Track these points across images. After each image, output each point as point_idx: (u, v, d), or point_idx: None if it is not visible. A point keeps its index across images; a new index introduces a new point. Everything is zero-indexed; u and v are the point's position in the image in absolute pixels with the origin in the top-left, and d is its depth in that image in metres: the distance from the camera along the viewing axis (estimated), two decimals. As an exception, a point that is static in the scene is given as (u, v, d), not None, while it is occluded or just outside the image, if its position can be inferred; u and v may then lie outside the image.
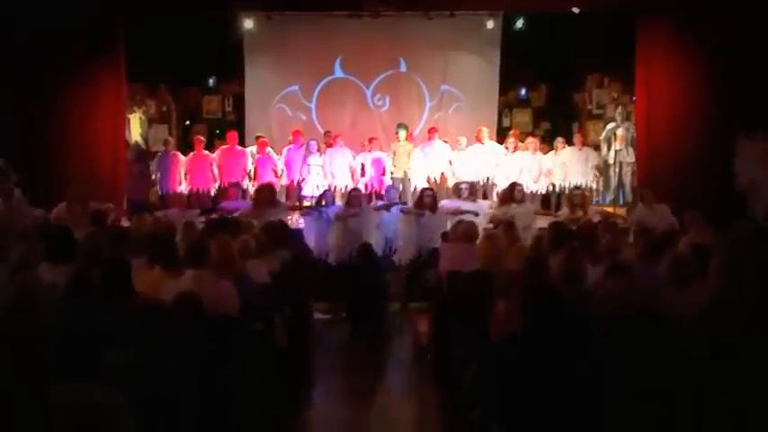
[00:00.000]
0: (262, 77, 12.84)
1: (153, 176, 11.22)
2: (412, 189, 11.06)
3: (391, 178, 11.24)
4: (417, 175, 11.21)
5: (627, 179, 11.37)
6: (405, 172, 11.24)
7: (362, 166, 11.40)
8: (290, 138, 11.72)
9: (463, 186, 9.43)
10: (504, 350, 3.46)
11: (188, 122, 13.22)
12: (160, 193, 11.11)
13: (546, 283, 3.95)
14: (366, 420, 5.45)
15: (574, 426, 3.14)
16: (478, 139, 11.35)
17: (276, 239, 6.55)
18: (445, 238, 7.56)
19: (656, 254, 5.08)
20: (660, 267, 4.55)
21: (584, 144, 11.59)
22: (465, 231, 6.70)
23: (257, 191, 9.30)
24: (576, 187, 10.47)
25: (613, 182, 11.42)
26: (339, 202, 9.84)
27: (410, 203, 9.56)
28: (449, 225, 7.94)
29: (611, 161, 11.46)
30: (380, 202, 9.55)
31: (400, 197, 10.39)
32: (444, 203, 9.11)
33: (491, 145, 11.44)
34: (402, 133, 11.52)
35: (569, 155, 11.29)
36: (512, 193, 8.85)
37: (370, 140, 11.53)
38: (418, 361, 6.79)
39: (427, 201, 8.72)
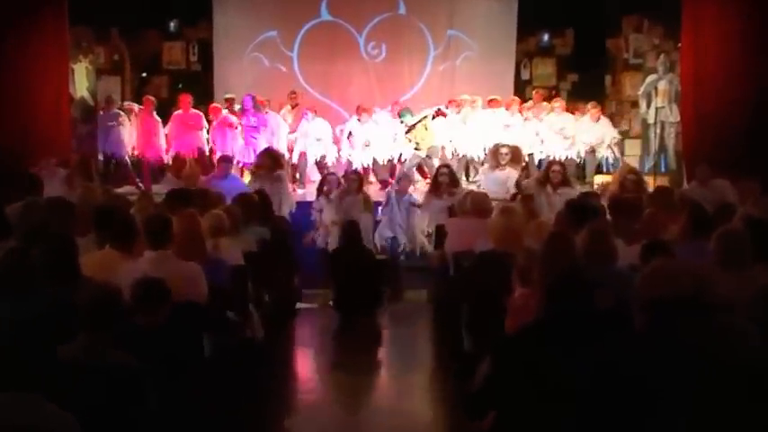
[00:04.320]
0: (233, 20, 12.79)
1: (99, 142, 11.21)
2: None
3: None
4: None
5: (670, 142, 11.36)
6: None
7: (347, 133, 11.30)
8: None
9: (503, 152, 9.41)
10: (522, 345, 3.48)
11: (144, 74, 13.16)
12: (101, 159, 11.11)
13: (572, 266, 3.95)
14: (356, 426, 5.48)
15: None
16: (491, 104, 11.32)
17: (252, 214, 6.56)
18: (451, 213, 7.56)
19: (704, 231, 5.10)
20: (709, 246, 4.56)
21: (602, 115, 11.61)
22: (475, 204, 6.71)
23: (258, 158, 9.30)
24: (633, 172, 10.27)
25: (654, 145, 11.41)
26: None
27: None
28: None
29: (651, 120, 11.45)
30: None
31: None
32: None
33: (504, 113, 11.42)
34: (407, 120, 11.07)
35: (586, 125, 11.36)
36: (547, 174, 8.83)
37: (359, 110, 11.37)
38: (419, 358, 6.82)
39: (443, 179, 8.70)
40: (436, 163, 10.67)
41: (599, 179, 10.84)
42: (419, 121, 10.97)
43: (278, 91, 11.70)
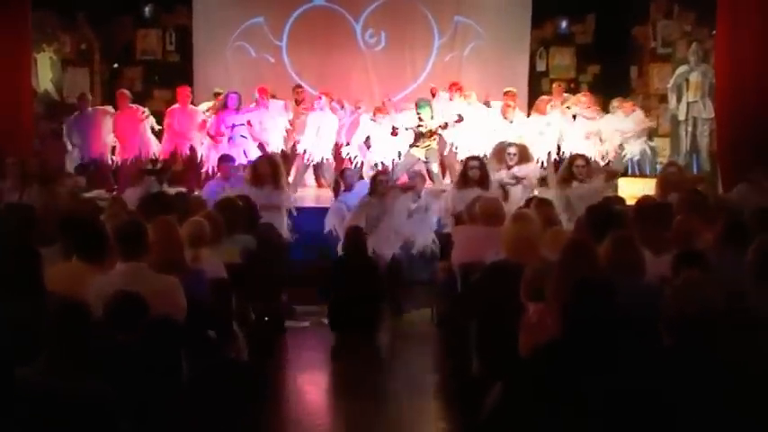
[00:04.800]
0: (215, 5, 12.86)
1: (66, 139, 11.20)
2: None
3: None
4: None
5: (703, 141, 11.40)
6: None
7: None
8: (256, 96, 11.55)
9: (511, 151, 9.44)
10: (538, 367, 3.48)
11: (116, 66, 13.19)
12: (80, 161, 11.12)
13: (594, 278, 3.94)
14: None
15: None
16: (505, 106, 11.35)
17: (236, 221, 6.57)
18: (459, 220, 7.56)
19: (740, 240, 5.10)
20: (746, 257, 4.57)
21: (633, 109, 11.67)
22: (485, 210, 6.70)
23: (254, 166, 9.16)
24: (672, 164, 10.29)
25: (685, 144, 11.44)
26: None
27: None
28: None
29: (681, 117, 11.50)
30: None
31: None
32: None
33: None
34: (425, 114, 10.92)
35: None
36: (570, 169, 8.85)
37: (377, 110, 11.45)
38: (423, 383, 6.81)
39: (473, 174, 8.73)
40: (435, 169, 10.70)
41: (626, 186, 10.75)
42: (430, 135, 10.90)
43: (265, 84, 11.69)
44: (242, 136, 11.07)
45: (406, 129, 10.78)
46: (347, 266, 7.81)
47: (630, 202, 7.28)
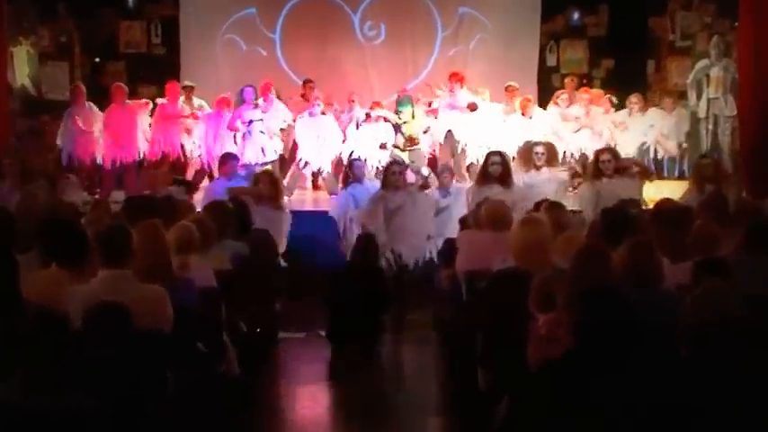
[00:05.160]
0: (204, -5, 12.83)
1: (58, 140, 11.18)
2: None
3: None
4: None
5: (725, 140, 11.41)
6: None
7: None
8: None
9: (538, 151, 9.45)
10: (548, 382, 3.49)
11: (98, 60, 13.20)
12: (64, 163, 11.12)
13: (608, 287, 3.96)
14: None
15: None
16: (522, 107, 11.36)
17: (227, 226, 6.57)
18: (464, 225, 7.56)
19: (765, 245, 5.11)
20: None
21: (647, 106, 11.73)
22: (492, 214, 6.70)
23: (255, 181, 9.15)
24: (703, 155, 10.32)
25: (705, 143, 11.45)
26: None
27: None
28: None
29: (701, 114, 11.51)
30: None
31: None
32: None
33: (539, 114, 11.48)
34: (406, 112, 11.14)
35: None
36: (597, 165, 8.86)
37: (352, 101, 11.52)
38: (425, 399, 6.82)
39: (494, 170, 8.72)
40: (425, 171, 10.72)
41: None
42: (411, 142, 10.95)
43: (257, 80, 11.68)
44: (261, 132, 11.07)
45: (394, 146, 10.86)
46: (352, 274, 7.81)
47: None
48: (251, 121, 11.06)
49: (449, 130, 11.36)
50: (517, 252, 5.29)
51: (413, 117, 11.02)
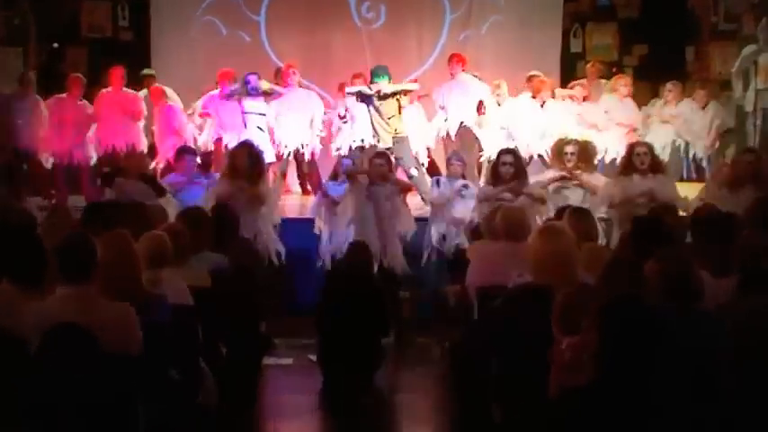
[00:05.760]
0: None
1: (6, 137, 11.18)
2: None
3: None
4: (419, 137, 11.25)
5: (775, 137, 11.37)
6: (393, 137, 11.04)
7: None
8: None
9: (569, 150, 9.41)
10: (571, 414, 3.51)
11: (56, 45, 13.20)
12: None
13: (641, 307, 3.94)
14: None
15: None
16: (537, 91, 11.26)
17: (205, 235, 6.57)
18: (476, 235, 7.53)
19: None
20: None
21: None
22: (508, 222, 6.69)
23: (231, 156, 9.12)
24: (750, 150, 10.23)
25: (753, 140, 11.40)
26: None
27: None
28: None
29: (748, 107, 11.48)
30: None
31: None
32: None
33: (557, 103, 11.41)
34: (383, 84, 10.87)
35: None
36: (630, 159, 8.79)
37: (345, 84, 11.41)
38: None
39: (505, 171, 8.69)
40: (414, 171, 10.67)
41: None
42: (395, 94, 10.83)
43: (240, 68, 11.63)
44: (258, 128, 10.98)
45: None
46: (344, 289, 7.75)
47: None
48: (245, 113, 11.00)
49: (462, 123, 11.28)
50: (536, 265, 5.25)
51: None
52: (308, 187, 11.85)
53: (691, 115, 11.77)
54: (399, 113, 10.80)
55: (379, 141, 10.73)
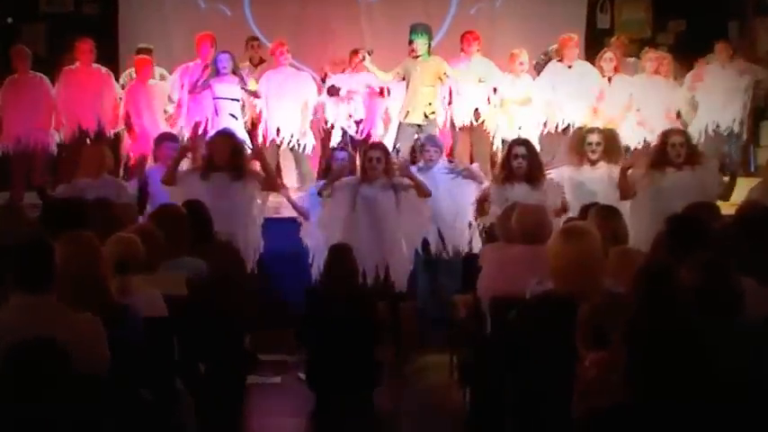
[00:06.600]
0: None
1: None
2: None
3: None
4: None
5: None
6: (425, 114, 11.23)
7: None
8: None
9: (593, 140, 9.43)
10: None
11: (10, 20, 13.22)
12: None
13: (677, 318, 3.98)
14: None
15: None
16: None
17: (181, 237, 6.61)
18: (489, 236, 7.59)
19: None
20: None
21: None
22: (525, 223, 6.71)
23: (209, 146, 9.12)
24: None
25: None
26: None
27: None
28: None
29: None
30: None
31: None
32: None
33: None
34: (421, 44, 11.26)
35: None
36: (664, 150, 8.84)
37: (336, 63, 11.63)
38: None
39: (517, 164, 8.75)
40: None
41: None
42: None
43: (220, 46, 11.68)
44: (231, 115, 11.06)
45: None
46: (330, 298, 7.80)
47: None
48: (216, 98, 11.06)
49: (476, 110, 11.40)
50: (557, 272, 5.30)
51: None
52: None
53: (720, 73, 11.62)
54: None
55: (406, 117, 10.92)
